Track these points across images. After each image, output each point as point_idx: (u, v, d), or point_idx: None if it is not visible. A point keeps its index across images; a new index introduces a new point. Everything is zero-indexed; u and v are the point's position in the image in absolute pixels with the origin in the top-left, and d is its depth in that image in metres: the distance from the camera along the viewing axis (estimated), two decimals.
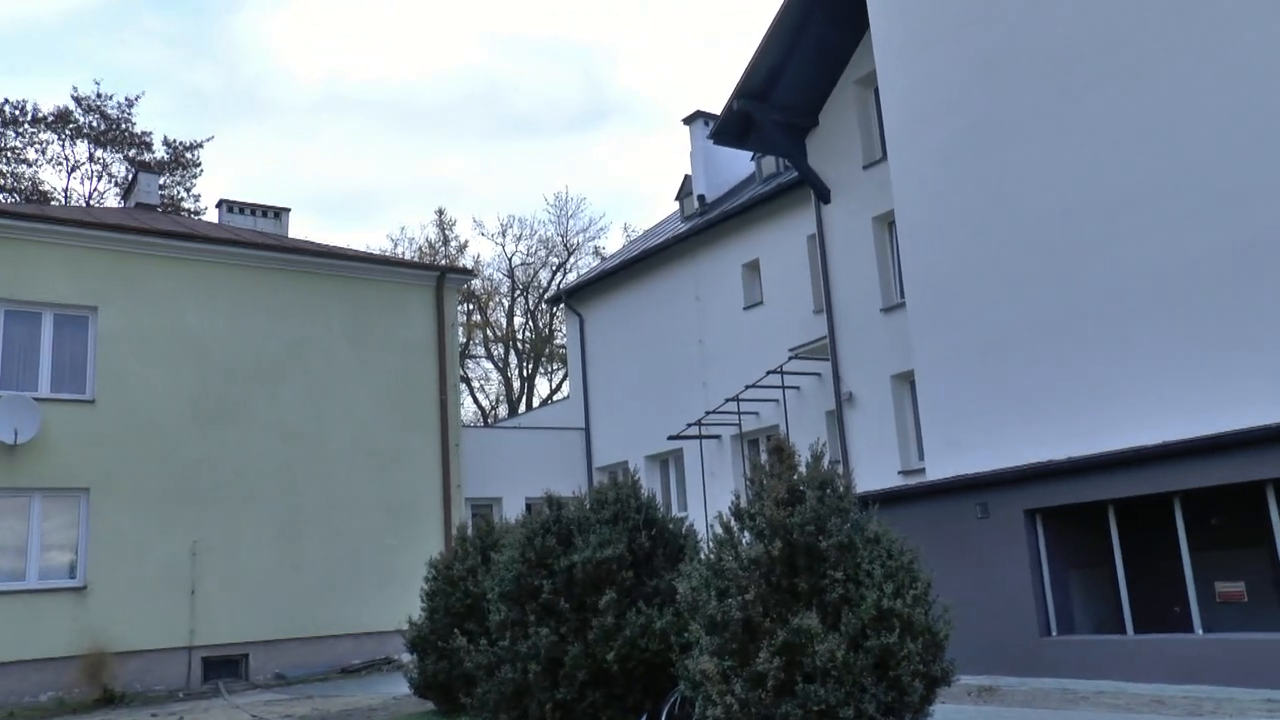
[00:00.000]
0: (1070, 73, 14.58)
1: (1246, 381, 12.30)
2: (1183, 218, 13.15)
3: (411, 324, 24.02)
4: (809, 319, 22.16)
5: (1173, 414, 12.70)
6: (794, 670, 7.36)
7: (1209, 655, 11.31)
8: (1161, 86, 13.54)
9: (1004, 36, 15.56)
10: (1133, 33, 13.92)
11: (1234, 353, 12.54)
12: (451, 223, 52.77)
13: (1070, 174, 14.50)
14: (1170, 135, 13.39)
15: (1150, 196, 13.52)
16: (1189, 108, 13.23)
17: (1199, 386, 12.74)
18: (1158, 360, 13.25)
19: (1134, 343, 13.55)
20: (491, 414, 52.55)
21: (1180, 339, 13.10)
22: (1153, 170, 13.53)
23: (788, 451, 8.37)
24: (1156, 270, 13.37)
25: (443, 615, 12.22)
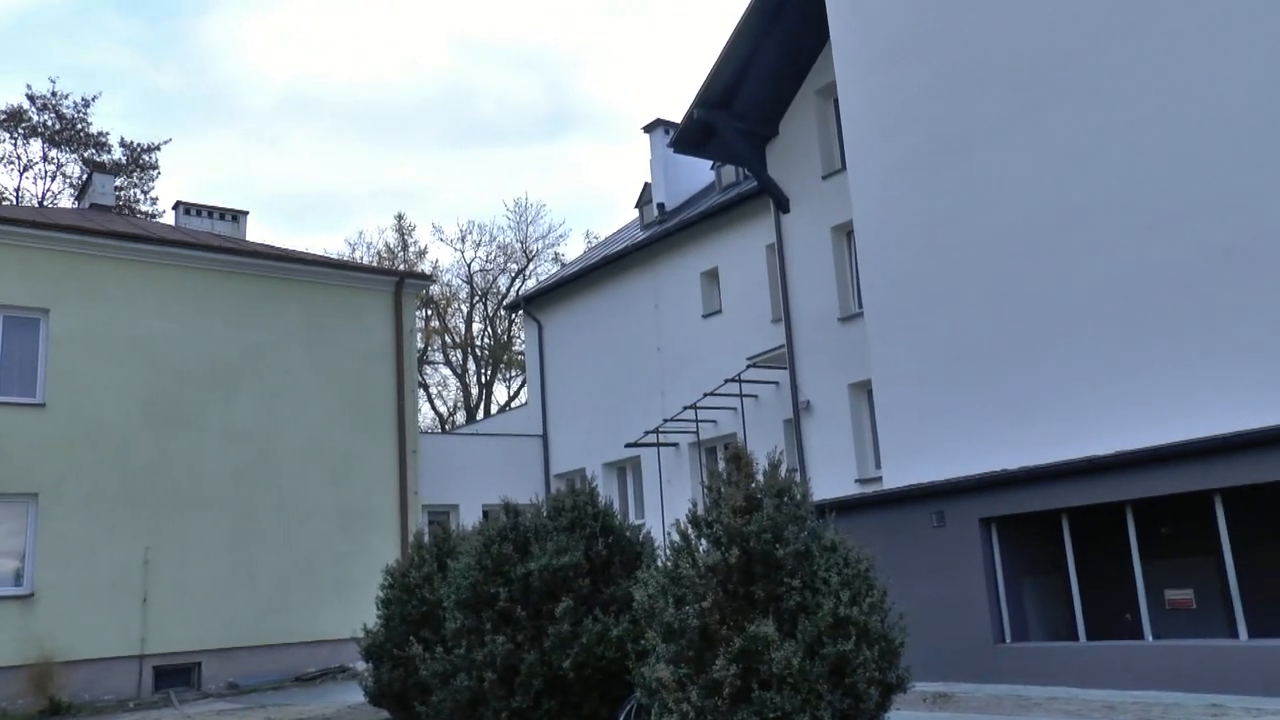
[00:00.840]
0: (1029, 87, 14.74)
1: (1198, 393, 12.51)
2: (1137, 232, 13.35)
3: (369, 329, 23.89)
4: (767, 328, 22.24)
5: (1126, 424, 12.88)
6: (750, 678, 7.36)
7: (1159, 661, 11.45)
8: (1117, 102, 13.74)
9: (963, 51, 15.72)
10: (1089, 49, 14.11)
11: (1186, 364, 12.76)
12: (411, 228, 52.60)
13: (1028, 187, 14.66)
14: (1126, 150, 13.57)
15: (1106, 210, 13.71)
16: (1144, 124, 13.43)
17: (1152, 397, 12.93)
18: (1112, 371, 13.45)
19: (1089, 354, 13.73)
20: (449, 420, 52.33)
21: (1134, 351, 13.28)
22: (1109, 184, 13.72)
23: (745, 459, 8.38)
24: (1112, 283, 13.56)
25: (398, 623, 12.11)
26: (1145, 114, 13.41)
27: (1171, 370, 12.87)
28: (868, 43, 17.45)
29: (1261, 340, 12.18)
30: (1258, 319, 12.23)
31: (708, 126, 21.07)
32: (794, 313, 21.13)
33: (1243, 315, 12.38)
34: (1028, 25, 14.92)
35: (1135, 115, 13.51)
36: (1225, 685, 10.69)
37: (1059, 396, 13.99)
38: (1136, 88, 13.53)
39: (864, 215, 17.17)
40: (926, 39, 16.33)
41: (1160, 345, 13.02)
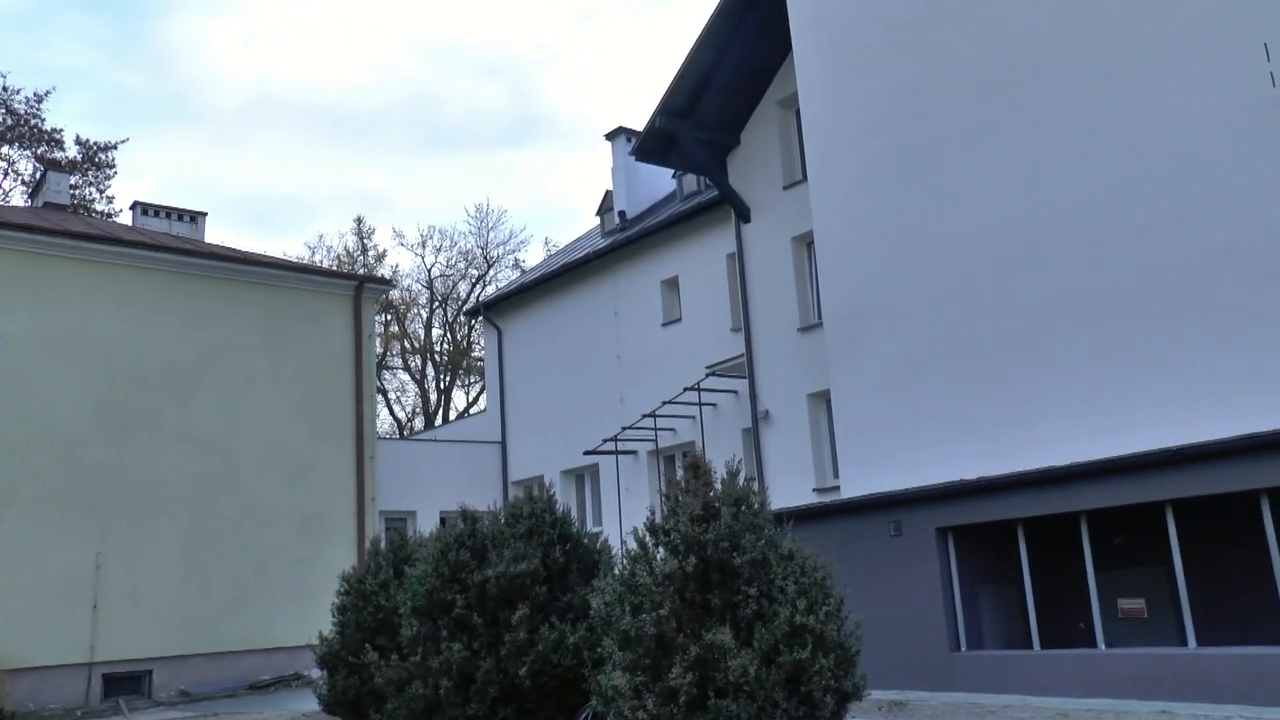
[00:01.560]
0: (989, 100, 14.92)
1: (1151, 405, 12.72)
2: (1094, 246, 13.55)
3: (328, 333, 23.74)
4: (727, 337, 22.30)
5: (1082, 436, 13.07)
6: (707, 685, 7.37)
7: (1110, 669, 11.58)
8: (1075, 118, 13.95)
9: (924, 63, 15.87)
10: (1050, 61, 14.31)
11: (1140, 377, 12.99)
12: (370, 232, 52.38)
13: (987, 201, 14.82)
14: (1083, 165, 13.78)
15: (1063, 225, 13.91)
16: (1101, 139, 13.64)
17: (1107, 409, 13.13)
18: (1068, 383, 13.63)
19: (1046, 366, 13.90)
20: (408, 426, 52.05)
21: (1090, 363, 13.48)
22: (1066, 199, 13.91)
23: (704, 468, 8.40)
24: (1069, 296, 13.76)
25: (354, 630, 12.02)
26: (1106, 125, 13.60)
27: (1126, 383, 13.12)
28: (829, 55, 17.57)
29: (1209, 355, 12.45)
30: (1207, 334, 12.48)
31: (669, 135, 21.12)
32: (754, 322, 21.21)
33: (1193, 331, 12.62)
34: (988, 38, 15.10)
35: (1096, 127, 13.71)
36: (1175, 692, 10.84)
37: (1016, 408, 14.17)
38: (1098, 99, 13.73)
39: (824, 226, 17.27)
40: (887, 51, 16.47)
41: (1115, 358, 13.26)
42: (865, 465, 15.86)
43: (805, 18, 18.07)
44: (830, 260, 17.12)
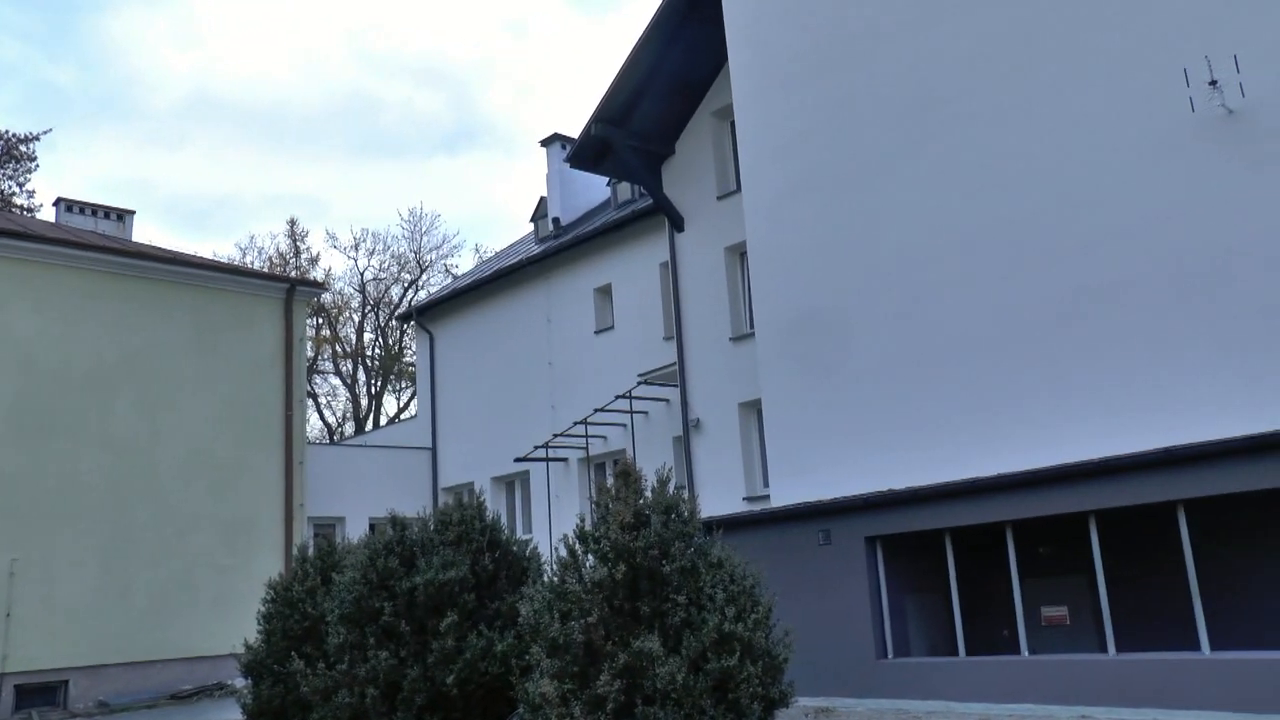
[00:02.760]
0: (921, 117, 15.19)
1: (1075, 418, 13.10)
2: (1022, 263, 13.91)
3: (258, 336, 23.41)
4: (659, 345, 22.36)
5: (1008, 447, 13.38)
6: (634, 693, 7.39)
7: (1033, 675, 11.78)
8: (1004, 136, 14.32)
9: (857, 79, 16.09)
10: (976, 84, 14.67)
11: (1064, 391, 13.36)
12: (303, 234, 51.69)
13: (917, 215, 15.10)
14: (1012, 184, 14.14)
15: (992, 241, 14.26)
16: (1029, 158, 14.03)
17: (1032, 421, 13.47)
18: (995, 397, 13.97)
19: (974, 380, 14.21)
20: (338, 431, 51.49)
21: (1015, 378, 13.84)
22: (995, 216, 14.26)
23: (634, 476, 8.43)
24: (996, 311, 14.10)
25: (280, 638, 11.85)
26: (1034, 145, 13.99)
27: (1049, 396, 13.48)
28: (765, 67, 17.72)
29: (1130, 371, 12.85)
30: (1129, 351, 12.89)
31: (604, 143, 21.15)
32: (686, 331, 21.29)
33: (1116, 347, 13.01)
34: (919, 56, 15.38)
35: (1024, 146, 14.09)
36: (1094, 698, 11.07)
37: (944, 420, 14.44)
38: (1026, 119, 14.12)
39: (757, 237, 17.41)
40: (822, 66, 16.67)
41: (1040, 373, 13.62)
42: (795, 474, 16.01)
43: (741, 29, 18.22)
44: (763, 270, 17.27)
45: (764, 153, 17.49)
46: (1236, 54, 12.30)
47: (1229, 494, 10.80)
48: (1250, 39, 12.31)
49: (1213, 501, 11.13)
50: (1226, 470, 10.66)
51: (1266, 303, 12.00)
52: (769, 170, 17.35)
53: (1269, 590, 11.65)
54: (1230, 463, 10.64)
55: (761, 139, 17.57)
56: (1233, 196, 12.31)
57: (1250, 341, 12.05)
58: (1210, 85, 12.33)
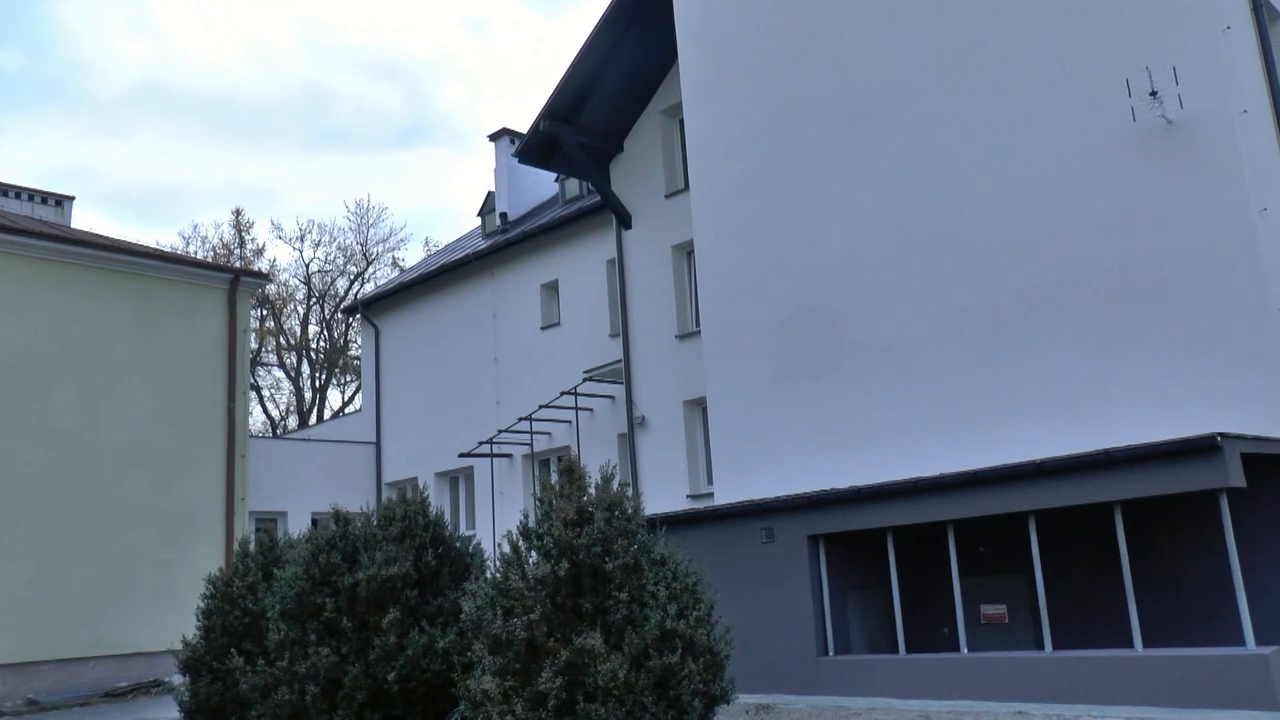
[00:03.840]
0: (866, 120, 15.42)
1: (1015, 420, 13.46)
2: (965, 266, 14.27)
3: (201, 327, 23.10)
4: (605, 342, 22.39)
5: (950, 448, 13.71)
6: (576, 690, 7.40)
7: (972, 672, 11.94)
8: (946, 142, 14.65)
9: (807, 80, 16.26)
10: (920, 89, 14.98)
11: (1004, 393, 13.74)
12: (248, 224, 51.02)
13: (862, 217, 15.34)
14: (954, 188, 14.46)
15: (935, 244, 14.60)
16: (971, 164, 14.40)
17: (973, 423, 13.81)
18: (938, 397, 14.30)
19: (917, 380, 14.51)
20: (281, 425, 50.97)
21: (958, 378, 14.20)
22: (937, 219, 14.59)
23: (578, 472, 8.43)
24: (939, 313, 14.42)
25: (219, 634, 11.72)
26: (976, 151, 14.36)
27: (991, 398, 13.77)
28: (714, 67, 17.81)
29: (1070, 374, 13.24)
30: (1069, 354, 13.28)
31: (553, 139, 21.13)
32: (632, 328, 21.33)
33: (1056, 350, 13.39)
34: (866, 60, 15.62)
35: (966, 152, 14.45)
36: (1031, 694, 11.23)
37: (887, 419, 14.68)
38: (968, 125, 14.45)
39: (704, 235, 17.50)
40: (771, 67, 16.80)
41: (980, 375, 13.99)
42: (739, 472, 16.12)
43: (691, 29, 18.29)
44: (709, 269, 17.36)
45: (712, 152, 17.58)
46: (1175, 66, 12.58)
47: (1163, 495, 11.02)
48: (1189, 52, 12.63)
49: (1147, 502, 11.36)
50: (1161, 472, 10.87)
51: (1201, 309, 12.32)
52: (717, 169, 17.44)
53: (1198, 589, 11.91)
54: (1165, 465, 10.84)
55: (710, 138, 17.65)
56: (1171, 205, 12.64)
57: (1185, 346, 12.37)
58: (1151, 96, 12.61)
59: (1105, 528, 11.48)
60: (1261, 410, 11.78)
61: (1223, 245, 12.26)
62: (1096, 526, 11.78)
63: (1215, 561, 11.24)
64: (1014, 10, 14.18)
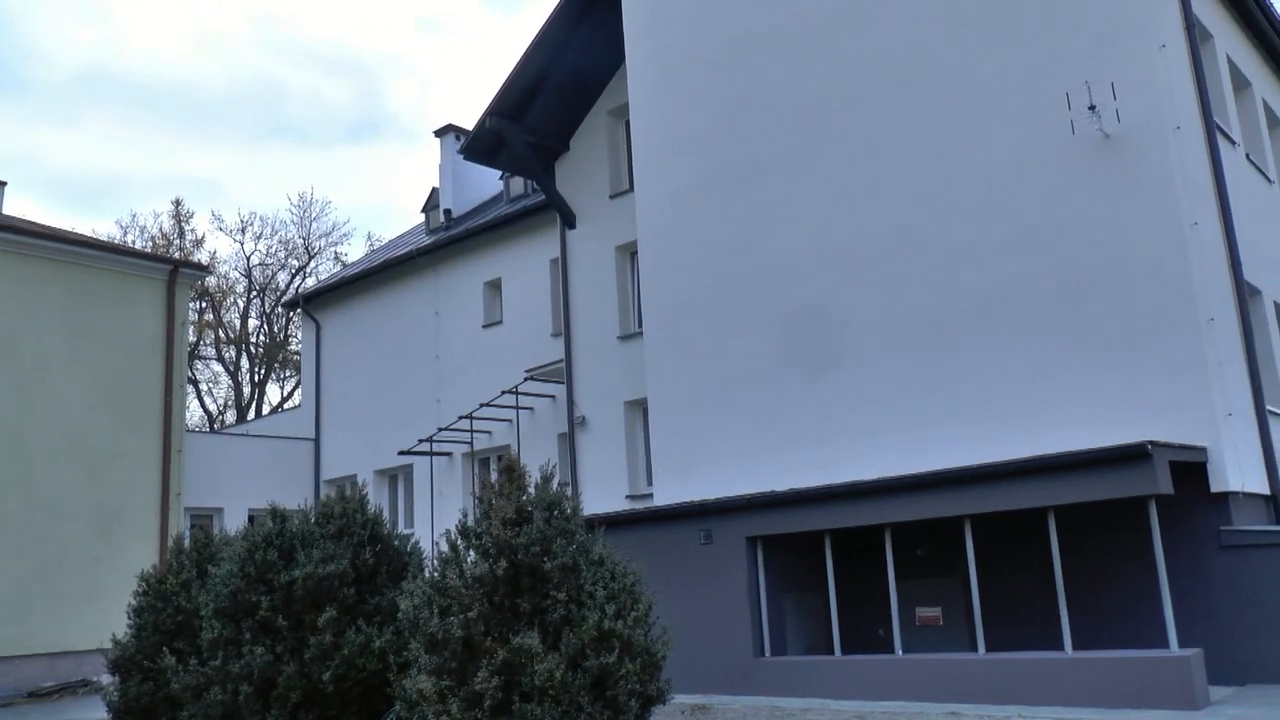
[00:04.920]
0: (812, 126, 15.59)
1: (951, 426, 13.66)
2: (907, 271, 14.50)
3: (138, 318, 22.73)
4: (547, 341, 22.36)
5: (889, 451, 13.89)
6: (512, 690, 7.40)
7: (906, 673, 12.10)
8: (891, 150, 14.87)
9: (752, 85, 16.38)
10: (866, 96, 15.17)
11: (942, 399, 13.93)
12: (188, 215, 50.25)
13: (806, 222, 15.51)
14: (898, 196, 14.71)
15: (877, 250, 14.83)
16: (915, 172, 14.63)
17: (913, 427, 14.02)
18: (878, 401, 14.50)
19: (855, 384, 14.71)
20: (219, 419, 50.30)
21: (899, 382, 14.41)
22: (879, 225, 14.82)
23: (518, 471, 8.44)
24: (880, 318, 14.65)
25: (151, 633, 11.54)
26: (921, 160, 14.59)
27: (929, 403, 13.99)
28: (661, 68, 17.87)
29: (1008, 379, 13.47)
30: (1008, 360, 13.52)
31: (499, 137, 21.06)
32: (574, 328, 21.32)
33: (995, 356, 13.63)
34: (812, 65, 15.78)
35: (911, 160, 14.69)
36: (964, 695, 11.42)
37: (826, 423, 14.84)
38: (913, 134, 14.69)
39: (648, 237, 17.55)
40: (718, 70, 16.90)
41: (923, 378, 14.23)
42: (679, 474, 16.20)
43: (639, 31, 18.34)
44: (652, 270, 17.42)
45: (658, 153, 17.64)
46: (1113, 82, 12.84)
47: (1095, 501, 11.24)
48: (1126, 69, 12.91)
49: (1079, 508, 11.57)
50: (1093, 479, 11.11)
51: (1134, 319, 12.59)
52: (663, 171, 17.50)
53: (1125, 593, 12.16)
54: (1097, 472, 11.08)
55: (656, 140, 17.71)
56: (1107, 217, 12.91)
57: (1118, 355, 12.63)
58: (1089, 110, 12.85)
59: (1039, 532, 11.68)
60: (1189, 420, 12.05)
61: (1155, 257, 12.54)
62: (1031, 530, 11.98)
63: (1142, 566, 11.49)
64: (959, 21, 14.39)
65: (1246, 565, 11.70)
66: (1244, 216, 13.98)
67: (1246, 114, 16.49)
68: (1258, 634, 11.48)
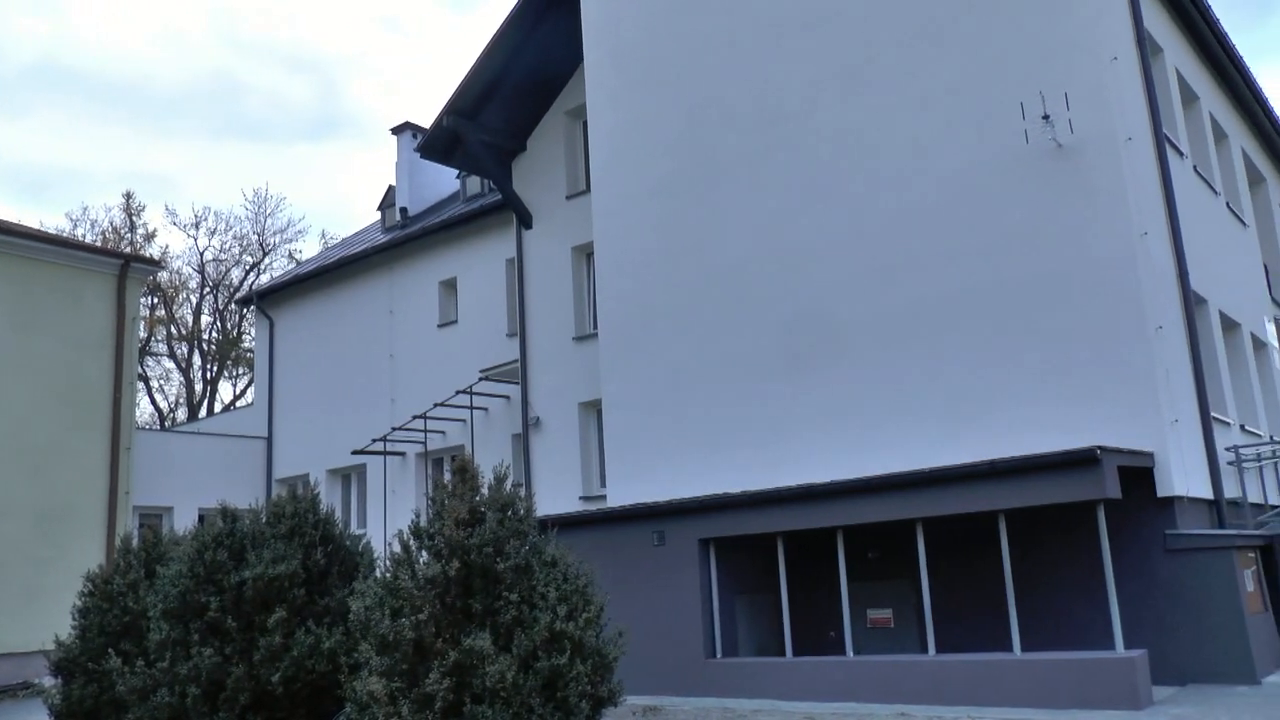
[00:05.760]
0: (769, 130, 15.68)
1: (906, 429, 13.79)
2: (860, 276, 14.65)
3: (87, 313, 22.39)
4: (502, 342, 22.30)
5: (842, 454, 14.02)
6: (463, 691, 7.38)
7: (857, 675, 12.18)
8: (846, 153, 14.99)
9: (711, 88, 16.45)
10: (821, 102, 15.26)
11: (896, 403, 14.05)
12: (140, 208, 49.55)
13: (761, 225, 15.60)
14: (852, 199, 14.85)
15: (831, 254, 14.96)
16: (868, 176, 14.76)
17: (866, 430, 14.15)
18: (830, 403, 14.59)
19: (809, 387, 14.78)
20: (170, 417, 49.71)
21: (850, 386, 14.51)
22: (834, 230, 14.95)
23: (471, 472, 8.42)
24: (835, 321, 14.79)
25: (96, 634, 11.36)
26: (874, 165, 14.71)
27: (879, 408, 14.14)
28: (620, 70, 17.89)
29: (954, 384, 13.62)
30: (959, 365, 13.65)
31: (455, 135, 20.98)
32: (529, 328, 21.28)
33: (946, 361, 13.77)
34: (769, 74, 15.88)
35: (865, 166, 14.81)
36: (913, 696, 11.52)
37: (780, 426, 14.91)
38: (866, 140, 14.83)
39: (605, 238, 17.56)
40: (676, 73, 16.95)
41: (875, 382, 14.35)
42: (632, 475, 16.23)
43: (597, 31, 18.34)
44: (608, 272, 17.43)
45: (615, 155, 17.66)
46: (1067, 92, 13.00)
47: (1045, 505, 11.38)
48: (1079, 80, 13.08)
49: (1029, 511, 11.71)
50: (1043, 483, 11.24)
51: (1084, 327, 12.75)
52: (619, 173, 17.52)
53: (1074, 595, 12.31)
54: (1047, 476, 11.22)
55: (613, 141, 17.73)
56: (1059, 226, 13.08)
57: (1068, 362, 12.80)
58: (1043, 120, 13.00)
59: (990, 535, 11.80)
60: (1137, 425, 12.23)
61: (1106, 266, 12.70)
62: (982, 534, 12.11)
63: (1090, 569, 11.65)
64: (917, 29, 14.51)
65: (1190, 568, 11.90)
66: (1191, 227, 14.24)
67: (1194, 127, 16.78)
68: (1199, 635, 11.68)
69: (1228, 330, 15.94)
